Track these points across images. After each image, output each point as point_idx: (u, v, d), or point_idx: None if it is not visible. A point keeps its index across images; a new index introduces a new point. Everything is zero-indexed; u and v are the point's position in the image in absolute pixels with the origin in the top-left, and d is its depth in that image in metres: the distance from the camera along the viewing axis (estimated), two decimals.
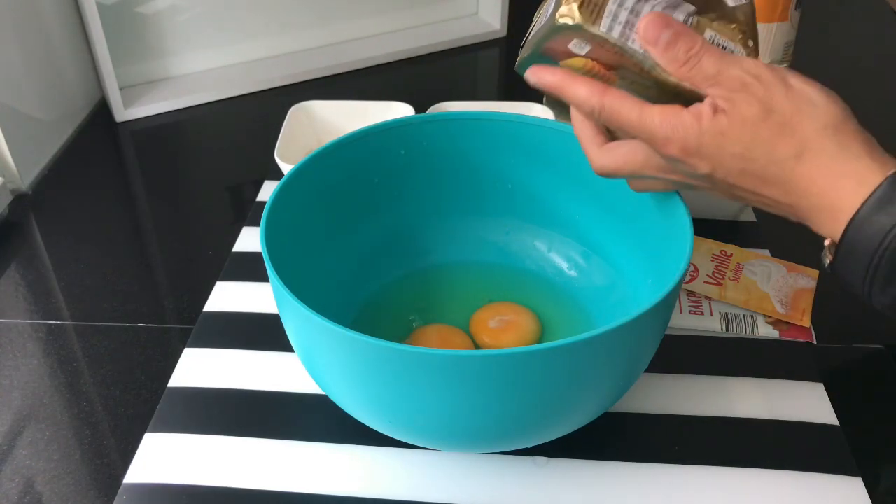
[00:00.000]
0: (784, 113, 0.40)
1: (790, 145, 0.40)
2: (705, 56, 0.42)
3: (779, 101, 0.41)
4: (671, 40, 0.42)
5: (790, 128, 0.40)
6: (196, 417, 0.55)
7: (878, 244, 0.38)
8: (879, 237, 0.38)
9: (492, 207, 0.63)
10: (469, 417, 0.45)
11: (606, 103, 0.44)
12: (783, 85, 0.41)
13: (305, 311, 0.42)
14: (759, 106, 0.41)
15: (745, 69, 0.41)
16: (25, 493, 0.51)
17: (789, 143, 0.40)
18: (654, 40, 0.42)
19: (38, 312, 0.66)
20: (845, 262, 0.41)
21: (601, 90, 0.44)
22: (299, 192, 0.54)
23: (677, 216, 0.49)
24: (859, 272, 0.40)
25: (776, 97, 0.41)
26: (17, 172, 0.79)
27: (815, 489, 0.50)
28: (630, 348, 0.45)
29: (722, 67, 0.41)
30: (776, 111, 0.40)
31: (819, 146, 0.40)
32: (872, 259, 0.39)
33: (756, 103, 0.41)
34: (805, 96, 0.41)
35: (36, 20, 0.83)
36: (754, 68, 0.41)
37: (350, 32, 1.06)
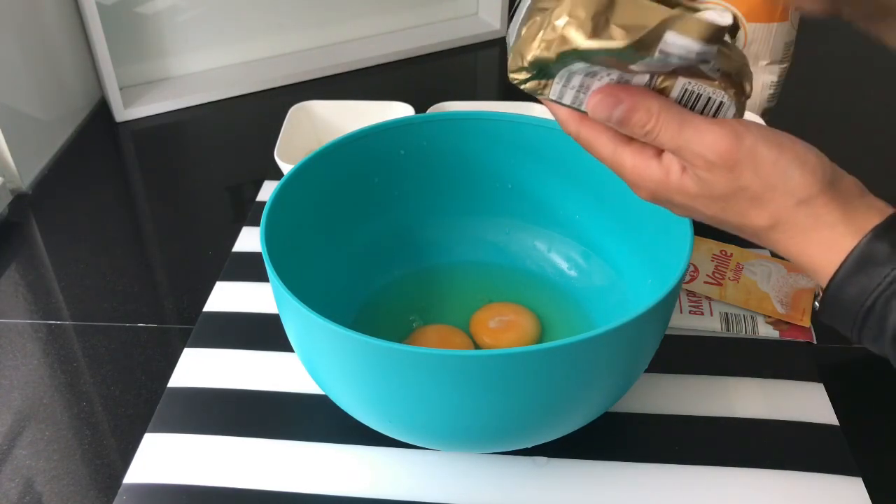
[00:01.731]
0: (754, 189, 0.39)
1: (763, 217, 0.40)
2: (663, 131, 0.40)
3: (747, 178, 0.39)
4: (623, 118, 0.40)
5: (761, 202, 0.39)
6: (196, 417, 0.55)
7: (861, 304, 0.38)
8: (863, 297, 0.38)
9: (492, 207, 0.63)
10: (469, 417, 0.45)
11: (581, 133, 0.43)
12: (751, 160, 0.39)
13: (305, 311, 0.42)
14: (726, 186, 0.39)
15: (708, 146, 0.39)
16: (25, 493, 0.51)
17: (761, 216, 0.40)
18: (605, 120, 0.40)
19: (38, 312, 0.66)
20: (831, 319, 0.41)
21: (577, 119, 0.42)
22: (299, 192, 0.54)
23: (677, 216, 0.49)
24: (846, 327, 0.40)
25: (744, 175, 0.39)
26: (17, 172, 0.79)
27: (815, 489, 0.50)
28: (630, 348, 0.45)
29: (681, 143, 0.39)
30: (745, 188, 0.39)
31: (791, 220, 0.39)
32: (856, 318, 0.39)
33: (723, 183, 0.39)
34: (778, 171, 0.39)
35: (36, 20, 0.83)
36: (719, 143, 0.39)
37: (350, 32, 1.06)
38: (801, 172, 0.39)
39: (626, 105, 0.40)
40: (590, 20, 0.38)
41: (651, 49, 0.38)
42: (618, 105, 0.40)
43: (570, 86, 0.41)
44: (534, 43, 0.40)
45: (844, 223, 0.39)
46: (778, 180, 0.39)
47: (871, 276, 0.38)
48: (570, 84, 0.40)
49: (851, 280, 0.38)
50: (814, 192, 0.39)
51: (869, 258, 0.38)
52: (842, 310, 0.39)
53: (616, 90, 0.40)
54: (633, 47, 0.38)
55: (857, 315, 0.39)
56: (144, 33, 0.94)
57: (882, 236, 0.38)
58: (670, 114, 0.39)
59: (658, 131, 0.40)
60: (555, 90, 0.41)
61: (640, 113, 0.40)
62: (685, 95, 0.40)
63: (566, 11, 0.38)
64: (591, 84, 0.40)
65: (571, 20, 0.38)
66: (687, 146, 0.39)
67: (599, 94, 0.40)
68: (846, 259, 0.38)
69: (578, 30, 0.38)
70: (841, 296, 0.39)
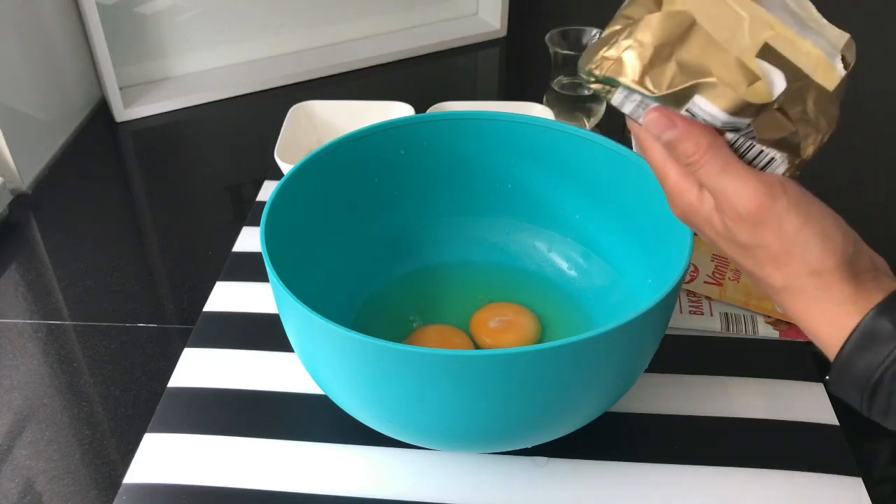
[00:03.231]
0: (773, 250, 0.40)
1: (776, 277, 0.41)
2: (704, 168, 0.40)
3: (769, 238, 0.40)
4: (672, 142, 0.41)
5: (777, 263, 0.40)
6: (196, 417, 0.55)
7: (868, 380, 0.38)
8: (869, 373, 0.38)
9: (492, 207, 0.63)
10: (469, 417, 0.45)
11: (641, 133, 0.43)
12: (777, 223, 0.40)
13: (305, 311, 0.42)
14: (748, 238, 0.40)
15: (740, 198, 0.40)
16: (25, 493, 0.51)
17: (775, 275, 0.41)
18: (658, 136, 0.41)
19: (38, 312, 0.66)
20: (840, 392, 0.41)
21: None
22: (299, 192, 0.54)
23: (677, 216, 0.49)
24: (856, 401, 0.40)
25: (767, 235, 0.40)
26: (17, 172, 0.79)
27: (815, 489, 0.50)
28: (630, 348, 0.45)
29: (718, 187, 0.40)
30: (766, 246, 0.40)
31: (801, 287, 0.40)
32: (864, 394, 0.39)
33: (746, 235, 0.40)
34: (799, 240, 0.40)
35: (36, 20, 0.84)
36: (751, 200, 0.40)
37: (350, 32, 1.06)
38: (821, 248, 0.39)
39: (679, 132, 0.40)
40: (651, 49, 0.39)
41: (680, 105, 0.39)
42: (671, 128, 0.40)
43: (630, 98, 0.41)
44: (595, 56, 0.41)
45: (852, 301, 0.39)
46: (797, 248, 0.40)
47: (876, 353, 0.38)
48: (631, 98, 0.41)
49: (857, 356, 0.38)
50: (828, 267, 0.39)
51: (872, 335, 0.38)
52: (850, 385, 0.39)
53: (670, 116, 0.41)
54: (664, 99, 0.39)
55: (865, 390, 0.39)
56: (144, 33, 0.94)
57: (884, 313, 0.38)
58: (717, 154, 0.40)
59: (700, 166, 0.40)
60: (617, 98, 0.42)
61: (688, 143, 0.40)
62: (739, 141, 0.41)
63: (634, 35, 0.39)
64: (651, 102, 0.41)
65: (635, 45, 0.39)
66: (722, 192, 0.40)
67: (656, 113, 0.41)
68: (850, 336, 0.39)
69: (635, 60, 0.39)
70: (848, 371, 0.39)
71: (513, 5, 1.08)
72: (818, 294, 0.40)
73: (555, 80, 0.82)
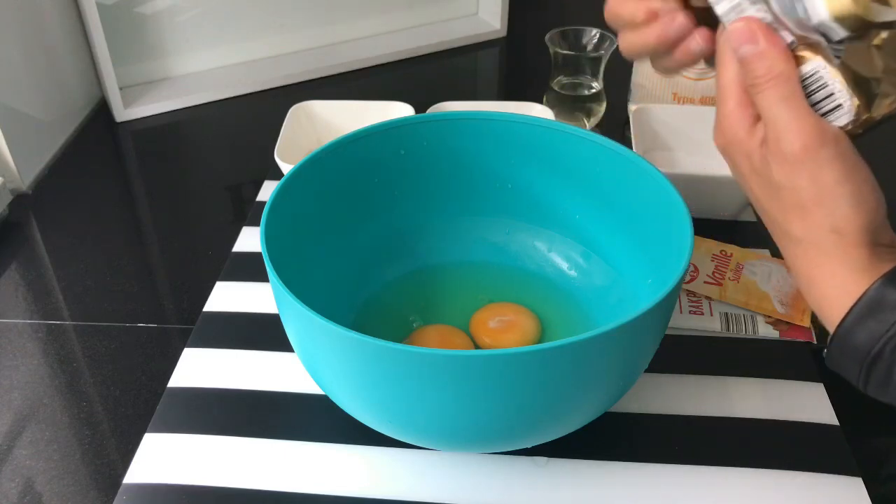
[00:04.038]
0: (804, 196, 0.39)
1: (796, 225, 0.39)
2: (766, 91, 0.39)
3: (804, 182, 0.39)
4: (748, 56, 0.39)
5: (803, 211, 0.39)
6: (196, 417, 0.55)
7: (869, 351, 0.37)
8: (871, 343, 0.37)
9: (492, 207, 0.63)
10: (469, 417, 0.44)
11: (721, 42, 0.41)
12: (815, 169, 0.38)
13: (305, 311, 0.42)
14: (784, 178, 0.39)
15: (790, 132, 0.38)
16: (25, 493, 0.51)
17: (798, 223, 0.39)
18: (733, 48, 0.40)
19: (38, 312, 0.66)
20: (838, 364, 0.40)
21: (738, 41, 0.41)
22: (299, 192, 0.54)
23: (677, 216, 0.49)
24: (853, 374, 0.39)
25: (803, 177, 0.38)
26: (17, 172, 0.79)
27: (815, 489, 0.50)
28: (630, 348, 0.45)
29: (771, 114, 0.39)
30: (798, 189, 0.39)
31: (819, 242, 0.39)
32: (863, 365, 0.38)
33: (783, 174, 0.39)
34: (833, 193, 0.38)
35: (36, 20, 0.84)
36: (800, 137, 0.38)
37: (350, 32, 1.06)
38: (852, 208, 0.38)
39: (758, 48, 0.39)
40: None
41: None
42: (751, 42, 0.39)
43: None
44: None
45: (864, 269, 0.38)
46: (827, 200, 0.38)
47: (881, 322, 0.37)
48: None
49: (859, 326, 0.37)
50: (852, 228, 0.38)
51: (879, 303, 0.37)
52: (849, 355, 0.38)
53: (761, 30, 0.39)
54: None
55: (865, 361, 0.38)
56: (144, 33, 0.94)
57: (892, 282, 0.37)
58: (785, 83, 0.39)
59: (764, 89, 0.39)
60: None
61: (762, 63, 0.39)
62: (812, 78, 0.39)
63: None
64: (746, 9, 0.39)
65: None
66: (775, 121, 0.39)
67: (743, 23, 0.39)
68: (856, 303, 0.37)
69: None
70: (849, 341, 0.38)
71: (513, 5, 1.08)
72: (834, 253, 0.38)
73: (555, 80, 0.82)
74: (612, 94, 0.84)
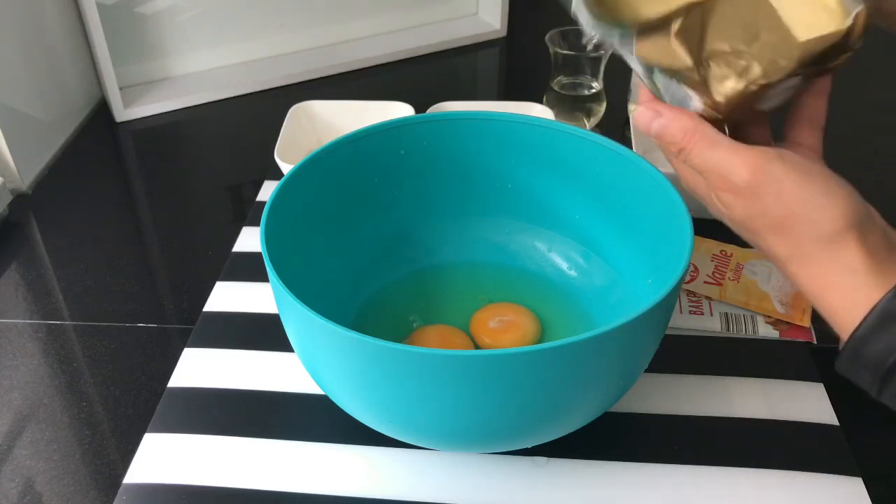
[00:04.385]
0: (775, 216, 0.38)
1: (783, 247, 0.39)
2: (696, 147, 0.40)
3: (769, 203, 0.38)
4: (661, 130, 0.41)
5: (781, 230, 0.38)
6: (196, 417, 0.55)
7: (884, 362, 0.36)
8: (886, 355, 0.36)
9: (492, 208, 0.63)
10: (469, 417, 0.44)
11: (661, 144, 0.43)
12: (775, 186, 0.38)
13: (305, 311, 0.42)
14: (745, 209, 0.39)
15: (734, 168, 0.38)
16: (25, 493, 0.51)
17: (781, 245, 0.39)
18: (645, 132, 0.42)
19: (38, 312, 0.66)
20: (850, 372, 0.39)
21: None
22: (299, 192, 0.54)
23: (677, 216, 0.49)
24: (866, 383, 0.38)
25: (765, 200, 0.38)
26: (17, 172, 0.79)
27: (815, 489, 0.50)
28: (630, 348, 0.45)
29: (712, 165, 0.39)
30: (766, 214, 0.38)
31: (810, 254, 0.38)
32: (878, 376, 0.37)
33: (742, 205, 0.39)
34: (801, 198, 0.38)
35: (36, 20, 0.84)
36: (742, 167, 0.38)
37: (350, 32, 1.06)
38: (827, 205, 0.37)
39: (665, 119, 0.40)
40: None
41: None
42: (657, 118, 0.40)
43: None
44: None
45: (867, 272, 0.37)
46: (800, 210, 0.38)
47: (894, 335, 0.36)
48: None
49: (873, 338, 0.36)
50: (837, 229, 0.37)
51: (892, 316, 0.36)
52: (863, 365, 0.38)
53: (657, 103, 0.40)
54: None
55: (880, 372, 0.37)
56: (144, 33, 0.94)
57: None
58: (704, 133, 0.39)
59: (690, 149, 0.39)
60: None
61: (675, 128, 0.40)
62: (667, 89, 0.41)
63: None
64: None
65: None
66: (717, 168, 0.39)
67: (642, 107, 0.41)
68: (868, 315, 0.36)
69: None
70: (863, 351, 0.37)
71: (513, 5, 1.08)
72: (828, 262, 0.37)
73: (555, 80, 0.82)
74: (612, 94, 0.84)
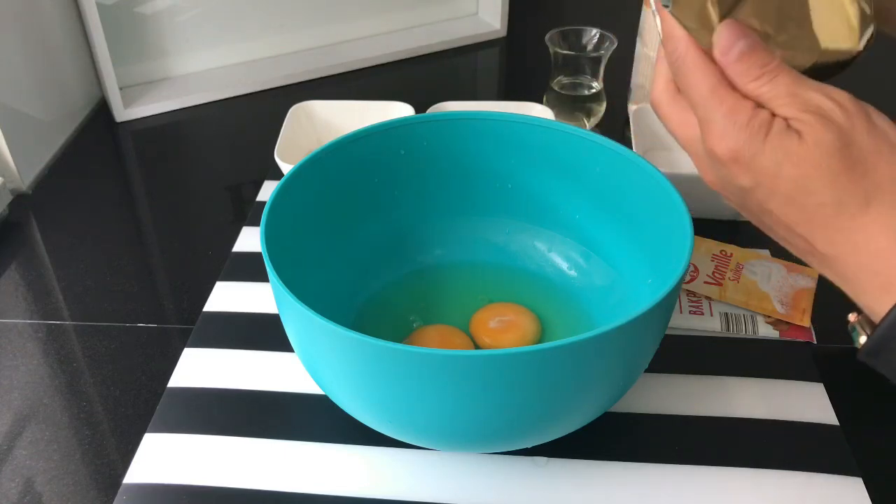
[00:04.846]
0: (863, 149, 0.35)
1: (859, 188, 0.35)
2: (781, 74, 0.37)
3: (860, 134, 0.35)
4: (746, 51, 0.37)
5: (864, 167, 0.35)
6: (196, 417, 0.55)
7: None
8: None
9: (492, 207, 0.63)
10: (469, 417, 0.45)
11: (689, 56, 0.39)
12: (867, 119, 0.36)
13: (305, 311, 0.42)
14: (836, 133, 0.35)
15: (825, 93, 0.36)
16: (25, 493, 0.51)
17: (858, 186, 0.35)
18: (727, 46, 0.38)
19: (38, 312, 0.66)
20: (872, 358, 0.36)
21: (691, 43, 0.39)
22: (299, 192, 0.54)
23: (677, 216, 0.49)
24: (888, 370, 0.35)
25: (857, 129, 0.35)
26: (17, 172, 0.79)
27: (815, 489, 0.50)
28: (630, 348, 0.45)
29: (799, 89, 0.36)
30: (855, 144, 0.35)
31: (892, 198, 0.35)
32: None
33: (834, 130, 0.35)
34: (889, 140, 0.35)
35: (36, 20, 0.83)
36: (836, 94, 0.36)
37: (350, 32, 1.06)
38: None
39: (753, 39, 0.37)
40: None
41: None
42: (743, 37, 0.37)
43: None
44: None
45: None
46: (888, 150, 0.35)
47: None
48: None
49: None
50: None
51: None
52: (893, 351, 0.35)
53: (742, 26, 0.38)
54: None
55: None
56: (144, 33, 0.94)
57: None
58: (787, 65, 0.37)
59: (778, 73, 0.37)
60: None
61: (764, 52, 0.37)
62: None
63: None
64: None
65: None
66: (804, 92, 0.36)
67: (731, 24, 0.38)
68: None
69: None
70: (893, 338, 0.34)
71: (513, 5, 1.08)
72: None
73: (555, 80, 0.82)
74: (612, 94, 0.84)
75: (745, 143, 0.37)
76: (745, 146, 0.37)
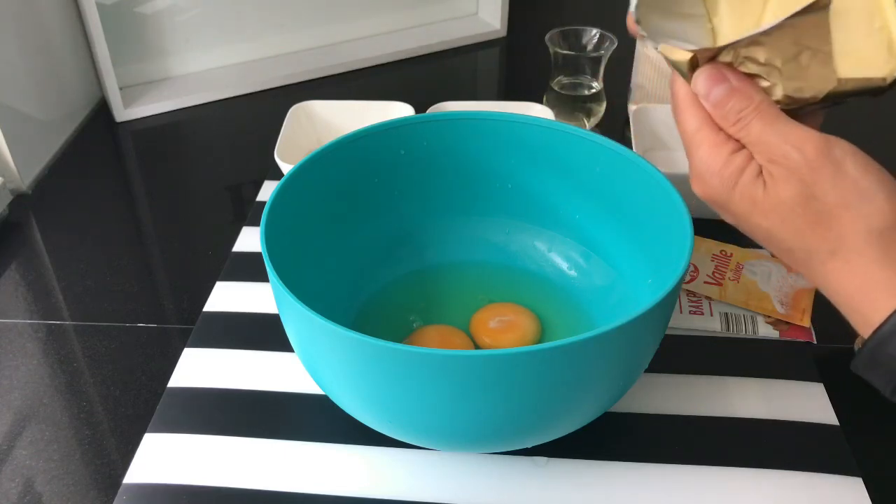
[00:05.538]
0: (826, 202, 0.36)
1: (825, 240, 0.37)
2: (755, 120, 0.38)
3: (823, 188, 0.36)
4: (722, 98, 0.39)
5: (829, 221, 0.36)
6: (196, 417, 0.55)
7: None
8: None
9: (492, 207, 0.63)
10: (469, 417, 0.45)
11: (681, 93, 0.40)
12: (833, 169, 0.36)
13: (305, 311, 0.42)
14: (798, 188, 0.37)
15: (792, 142, 0.37)
16: (25, 493, 0.51)
17: (824, 238, 0.37)
18: (704, 95, 0.39)
19: (38, 312, 0.66)
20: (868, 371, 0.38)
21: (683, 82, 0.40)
22: (299, 192, 0.54)
23: (677, 216, 0.49)
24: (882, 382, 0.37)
25: (821, 183, 0.36)
26: (17, 172, 0.79)
27: (815, 489, 0.50)
28: (630, 348, 0.45)
29: (770, 136, 0.37)
30: (817, 199, 0.36)
31: (857, 248, 0.36)
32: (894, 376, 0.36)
33: (795, 184, 0.37)
34: (858, 188, 0.36)
35: (36, 20, 0.83)
36: (808, 143, 0.37)
37: (350, 32, 1.06)
38: (885, 198, 0.36)
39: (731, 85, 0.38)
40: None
41: None
42: (723, 83, 0.38)
43: None
44: None
45: None
46: (855, 199, 0.36)
47: None
48: None
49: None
50: (889, 224, 0.36)
51: None
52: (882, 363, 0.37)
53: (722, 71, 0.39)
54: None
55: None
56: (144, 33, 0.94)
57: None
58: (769, 107, 0.38)
59: (752, 118, 0.38)
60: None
61: (741, 98, 0.38)
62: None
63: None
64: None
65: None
66: (775, 141, 0.37)
67: (706, 70, 0.39)
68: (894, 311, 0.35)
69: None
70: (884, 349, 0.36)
71: (513, 5, 1.08)
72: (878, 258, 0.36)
73: (555, 80, 0.82)
74: (612, 94, 0.84)
75: (716, 190, 0.40)
76: (717, 193, 0.40)
